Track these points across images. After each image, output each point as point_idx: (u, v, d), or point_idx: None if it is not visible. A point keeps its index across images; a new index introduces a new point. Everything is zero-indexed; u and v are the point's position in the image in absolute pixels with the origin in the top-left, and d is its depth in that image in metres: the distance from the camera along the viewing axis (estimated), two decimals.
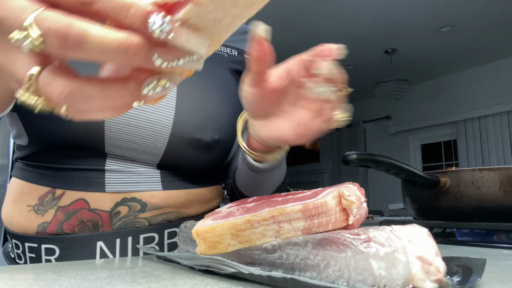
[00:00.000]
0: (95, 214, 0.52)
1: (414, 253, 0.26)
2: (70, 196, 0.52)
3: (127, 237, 0.53)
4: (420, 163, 5.12)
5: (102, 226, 0.53)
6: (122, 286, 0.30)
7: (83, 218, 0.52)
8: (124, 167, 0.54)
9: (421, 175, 0.67)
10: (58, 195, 0.52)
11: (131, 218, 0.54)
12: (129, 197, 0.54)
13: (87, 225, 0.52)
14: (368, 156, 0.62)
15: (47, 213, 0.52)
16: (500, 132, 4.27)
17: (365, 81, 4.86)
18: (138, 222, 0.54)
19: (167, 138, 0.55)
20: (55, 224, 0.52)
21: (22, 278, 0.34)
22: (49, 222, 0.52)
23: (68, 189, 0.52)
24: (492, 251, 0.51)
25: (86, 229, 0.52)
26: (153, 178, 0.56)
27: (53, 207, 0.52)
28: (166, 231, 0.56)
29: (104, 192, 0.52)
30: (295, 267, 0.29)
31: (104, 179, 0.53)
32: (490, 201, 0.62)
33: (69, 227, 0.52)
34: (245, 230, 0.31)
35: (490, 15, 3.32)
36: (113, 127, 0.52)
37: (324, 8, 3.27)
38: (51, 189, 0.52)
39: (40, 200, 0.52)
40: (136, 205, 0.54)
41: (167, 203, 0.56)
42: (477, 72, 4.48)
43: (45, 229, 0.52)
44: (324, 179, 6.15)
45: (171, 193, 0.56)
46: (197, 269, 0.36)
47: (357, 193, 0.30)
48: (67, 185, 0.52)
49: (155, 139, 0.55)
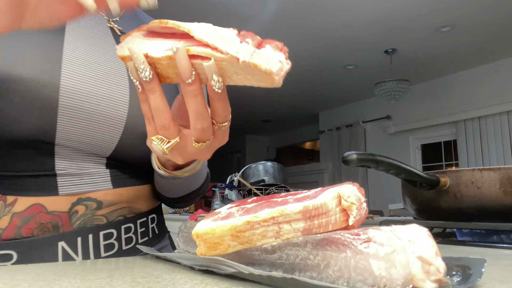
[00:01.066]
0: (54, 216, 0.52)
1: (414, 253, 0.26)
2: (23, 202, 0.51)
3: (87, 235, 0.54)
4: (420, 163, 5.12)
5: (63, 226, 0.53)
6: (122, 286, 0.30)
7: (42, 221, 0.51)
8: (74, 168, 0.54)
9: (421, 175, 0.67)
10: (11, 202, 0.51)
11: (89, 216, 0.54)
12: (84, 197, 0.54)
13: (47, 227, 0.52)
14: (368, 156, 0.62)
15: (1, 220, 0.51)
16: (500, 132, 4.27)
17: (365, 81, 4.86)
18: (97, 219, 0.55)
19: (120, 131, 0.56)
20: (11, 230, 0.51)
21: (22, 278, 0.34)
22: (5, 229, 0.50)
23: (20, 196, 0.51)
24: (492, 251, 0.51)
25: (46, 231, 0.52)
26: (103, 178, 0.56)
27: (7, 214, 0.51)
28: (122, 226, 0.58)
29: (58, 195, 0.52)
30: (295, 267, 0.29)
31: (57, 183, 0.52)
32: (490, 201, 0.62)
33: (27, 231, 0.51)
34: (245, 231, 0.31)
35: (490, 15, 3.32)
36: (66, 119, 0.51)
37: (324, 8, 3.27)
38: (0, 196, 0.51)
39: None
40: (92, 203, 0.55)
41: (120, 199, 0.58)
42: (477, 72, 4.48)
43: (0, 236, 0.50)
44: (324, 179, 6.15)
45: (121, 190, 0.58)
46: (197, 269, 0.36)
47: (357, 194, 0.30)
48: (18, 191, 0.51)
49: (108, 132, 0.55)
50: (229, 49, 0.32)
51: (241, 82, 0.34)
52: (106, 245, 0.55)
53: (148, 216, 0.63)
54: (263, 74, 0.31)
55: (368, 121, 5.60)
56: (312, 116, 6.44)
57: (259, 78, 0.32)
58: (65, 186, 0.53)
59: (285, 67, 0.31)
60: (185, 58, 0.33)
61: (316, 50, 4.08)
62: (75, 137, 0.53)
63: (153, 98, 0.36)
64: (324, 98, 5.66)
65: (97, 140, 0.55)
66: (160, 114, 0.36)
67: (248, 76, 0.32)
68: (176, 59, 0.33)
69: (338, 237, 0.27)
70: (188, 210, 3.48)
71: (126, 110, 0.56)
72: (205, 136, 0.37)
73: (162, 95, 0.36)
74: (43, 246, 0.51)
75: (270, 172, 3.10)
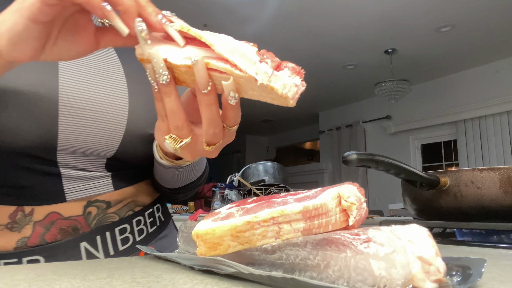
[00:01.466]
0: (71, 220, 0.55)
1: (414, 253, 0.26)
2: (40, 211, 0.53)
3: (104, 232, 0.57)
4: (420, 163, 5.12)
5: (82, 228, 0.56)
6: (122, 286, 0.30)
7: (62, 227, 0.54)
8: (78, 175, 0.55)
9: (421, 175, 0.67)
10: (29, 212, 0.52)
11: (102, 215, 0.58)
12: (92, 200, 0.57)
13: (68, 230, 0.54)
14: (368, 156, 0.62)
15: (24, 229, 0.52)
16: (500, 132, 4.27)
17: (365, 81, 4.87)
18: (110, 217, 0.58)
19: (121, 135, 0.57)
20: (36, 237, 0.52)
21: (22, 278, 0.34)
22: (29, 237, 0.52)
23: (35, 205, 0.53)
24: (492, 251, 0.51)
25: (68, 234, 0.54)
26: (105, 181, 0.58)
27: (29, 223, 0.52)
28: (133, 220, 0.62)
29: (66, 202, 0.54)
30: (295, 267, 0.29)
31: (63, 191, 0.54)
32: (490, 201, 0.62)
33: (51, 237, 0.53)
34: (245, 231, 0.31)
35: (490, 15, 3.32)
36: (67, 128, 0.52)
37: (324, 8, 3.27)
38: (18, 207, 0.52)
39: (12, 218, 0.52)
40: (101, 204, 0.58)
41: (124, 196, 0.61)
42: (477, 72, 4.48)
43: (26, 243, 0.52)
44: (324, 179, 6.15)
45: (123, 189, 0.61)
46: (197, 269, 0.36)
47: (357, 194, 0.30)
48: (30, 201, 0.52)
49: (110, 136, 0.56)
50: (249, 68, 0.32)
51: (256, 97, 0.35)
52: (122, 239, 0.59)
53: (154, 207, 0.67)
54: (279, 97, 0.32)
55: (368, 121, 5.60)
56: (312, 116, 6.44)
57: (274, 98, 0.33)
58: (71, 193, 0.55)
59: (301, 89, 0.33)
60: (203, 70, 0.34)
61: (316, 50, 4.08)
62: (76, 143, 0.53)
63: (168, 100, 0.37)
64: (324, 98, 5.66)
65: (98, 145, 0.56)
66: (175, 116, 0.37)
67: (264, 94, 0.34)
68: (195, 70, 0.34)
69: (338, 237, 0.27)
70: (188, 210, 3.48)
71: (126, 114, 0.57)
72: (216, 140, 0.39)
73: (177, 98, 0.37)
74: (67, 249, 0.54)
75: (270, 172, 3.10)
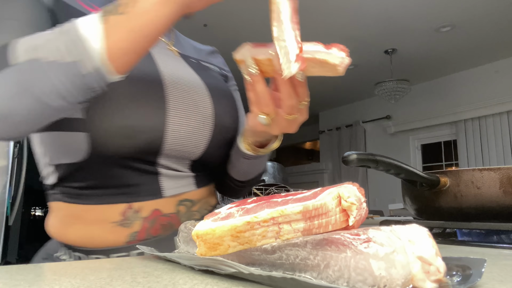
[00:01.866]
0: (168, 217, 0.63)
1: (414, 253, 0.26)
2: (146, 207, 0.61)
3: None
4: (420, 163, 5.12)
5: (175, 224, 0.63)
6: (122, 286, 0.30)
7: (162, 223, 0.62)
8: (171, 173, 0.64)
9: (421, 175, 0.67)
10: (137, 208, 0.60)
11: (188, 214, 0.66)
12: (182, 199, 0.65)
13: (167, 226, 0.63)
14: (368, 156, 0.62)
15: (133, 224, 0.60)
16: (500, 132, 4.27)
17: (365, 81, 4.86)
18: (193, 216, 0.66)
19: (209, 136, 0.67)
20: (143, 232, 0.61)
21: (22, 278, 0.34)
22: (138, 231, 0.60)
23: (141, 201, 0.61)
24: (492, 251, 0.51)
25: (167, 230, 0.63)
26: (189, 180, 0.67)
27: (138, 219, 0.60)
28: None
29: (162, 197, 0.62)
30: (295, 267, 0.29)
31: (160, 187, 0.62)
32: (490, 201, 0.62)
33: (155, 231, 0.62)
34: (245, 231, 0.31)
35: (490, 15, 3.32)
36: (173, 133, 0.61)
37: (324, 8, 3.27)
38: (128, 204, 0.60)
39: (124, 215, 0.60)
40: (188, 203, 0.66)
41: (202, 196, 0.69)
42: (477, 72, 4.48)
43: (135, 237, 0.60)
44: (324, 179, 6.15)
45: (201, 189, 0.69)
46: (197, 269, 0.36)
47: (357, 194, 0.30)
48: (139, 198, 0.61)
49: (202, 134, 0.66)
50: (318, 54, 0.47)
51: (315, 73, 0.48)
52: None
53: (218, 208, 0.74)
54: (331, 67, 0.45)
55: (368, 121, 5.60)
56: (312, 116, 6.43)
57: (328, 70, 0.46)
58: (166, 189, 0.63)
59: (346, 60, 0.45)
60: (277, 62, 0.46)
61: None
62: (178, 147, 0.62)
63: (258, 86, 0.51)
64: (324, 98, 5.66)
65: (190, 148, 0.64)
66: (264, 97, 0.52)
67: (321, 69, 0.47)
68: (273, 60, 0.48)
69: (338, 237, 0.27)
70: None
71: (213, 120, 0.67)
72: (293, 110, 0.52)
73: (264, 84, 0.51)
74: (166, 243, 0.60)
75: (270, 172, 3.10)
